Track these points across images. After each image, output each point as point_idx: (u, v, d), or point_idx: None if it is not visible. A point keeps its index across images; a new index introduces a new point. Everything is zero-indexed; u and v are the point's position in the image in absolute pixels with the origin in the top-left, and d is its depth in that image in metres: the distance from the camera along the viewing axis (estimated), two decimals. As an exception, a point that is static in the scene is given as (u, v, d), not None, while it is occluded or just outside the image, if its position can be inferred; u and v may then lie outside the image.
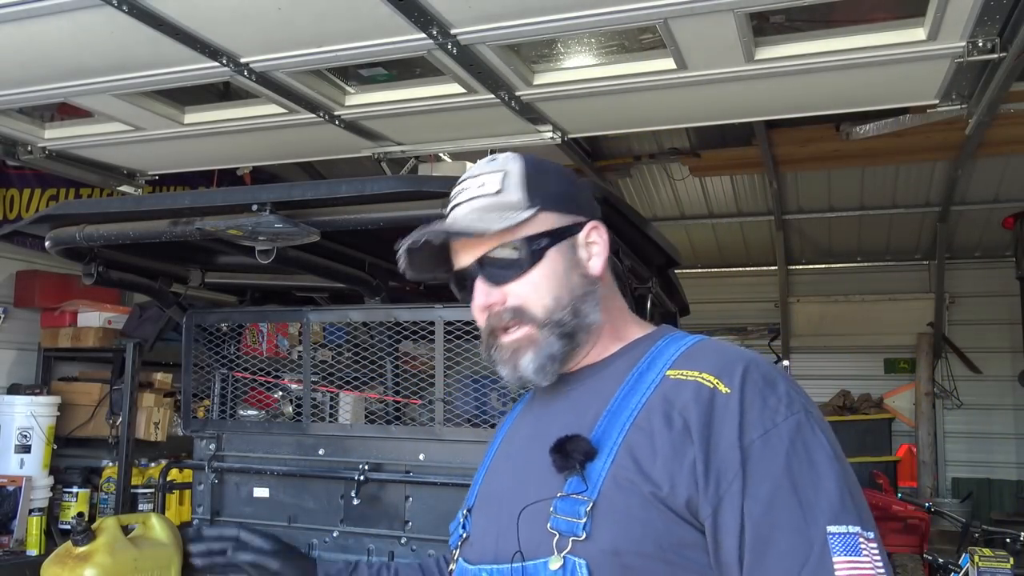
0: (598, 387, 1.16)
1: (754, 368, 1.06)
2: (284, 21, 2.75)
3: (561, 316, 1.17)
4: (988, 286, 8.62)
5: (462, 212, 1.21)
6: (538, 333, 1.17)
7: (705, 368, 1.08)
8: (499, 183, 1.21)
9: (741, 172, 7.67)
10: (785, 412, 1.02)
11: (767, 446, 1.00)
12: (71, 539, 3.02)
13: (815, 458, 1.00)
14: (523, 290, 1.17)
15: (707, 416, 1.02)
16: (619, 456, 1.05)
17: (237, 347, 3.52)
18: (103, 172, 4.50)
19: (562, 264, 1.19)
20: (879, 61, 2.93)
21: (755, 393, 1.03)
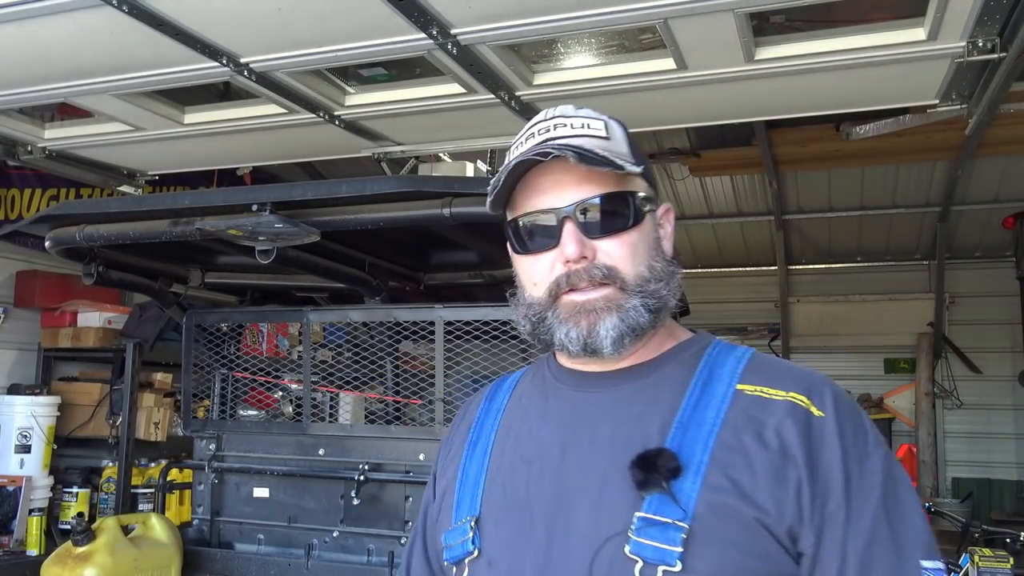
0: (653, 394, 1.05)
1: (840, 393, 1.03)
2: (284, 21, 2.75)
3: (655, 287, 1.05)
4: (988, 286, 8.61)
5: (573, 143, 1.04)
6: (624, 298, 1.03)
7: (790, 387, 1.01)
8: (605, 130, 1.08)
9: (741, 172, 7.67)
10: (875, 442, 1.00)
11: (864, 477, 0.96)
12: (71, 539, 3.03)
13: (903, 491, 0.99)
14: (619, 250, 1.04)
15: (807, 438, 0.97)
16: (710, 476, 0.95)
17: (237, 347, 3.52)
18: (103, 172, 4.50)
19: (652, 235, 1.09)
20: (879, 61, 2.93)
21: (847, 420, 1.00)
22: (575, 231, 1.03)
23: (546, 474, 1.05)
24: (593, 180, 1.04)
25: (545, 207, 1.05)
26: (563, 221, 1.03)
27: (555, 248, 1.04)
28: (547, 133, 1.06)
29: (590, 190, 1.04)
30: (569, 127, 1.06)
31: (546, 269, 1.06)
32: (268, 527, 3.18)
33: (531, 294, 1.08)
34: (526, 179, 1.07)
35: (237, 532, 3.24)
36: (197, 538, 3.26)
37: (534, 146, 1.04)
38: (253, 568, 3.04)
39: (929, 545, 0.96)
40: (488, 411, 1.21)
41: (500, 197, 1.08)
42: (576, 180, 1.04)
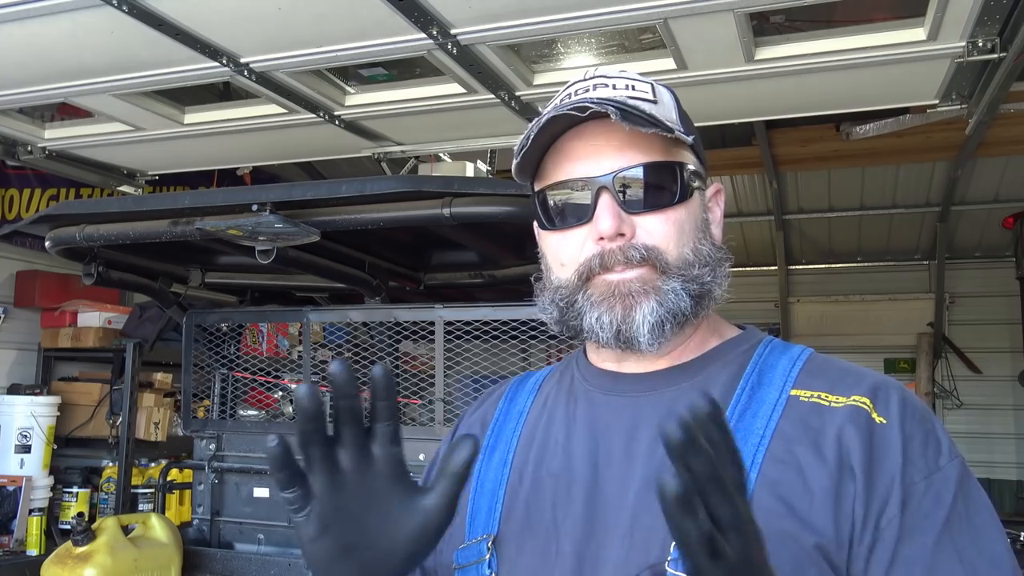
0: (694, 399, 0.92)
1: (909, 397, 0.90)
2: (284, 21, 2.75)
3: (699, 272, 0.92)
4: (988, 286, 8.61)
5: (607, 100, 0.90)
6: (663, 280, 0.90)
7: (853, 391, 0.89)
8: (652, 92, 0.95)
9: (741, 172, 7.67)
10: (948, 454, 0.86)
11: (929, 491, 0.82)
12: (71, 539, 3.03)
13: (979, 512, 0.84)
14: (662, 228, 0.91)
15: (868, 447, 0.84)
16: (760, 497, 0.82)
17: (237, 347, 3.52)
18: (103, 172, 4.50)
19: (700, 215, 0.96)
20: (879, 61, 2.93)
21: (915, 427, 0.86)
22: (612, 204, 0.89)
23: (576, 493, 0.92)
24: (636, 147, 0.90)
25: (579, 176, 0.92)
26: (599, 193, 0.90)
27: (587, 223, 0.91)
28: (586, 93, 0.93)
29: (632, 158, 0.90)
30: (611, 88, 0.93)
31: (576, 247, 0.93)
32: (268, 527, 3.18)
33: (558, 276, 0.95)
34: (558, 145, 0.94)
35: (237, 532, 3.24)
36: (197, 538, 3.26)
37: (571, 103, 0.90)
38: (253, 568, 3.04)
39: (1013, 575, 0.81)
40: (508, 413, 1.07)
41: (528, 162, 0.94)
42: (617, 146, 0.90)
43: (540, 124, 0.90)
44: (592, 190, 0.90)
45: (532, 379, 1.12)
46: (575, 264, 0.93)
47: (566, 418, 0.99)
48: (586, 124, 0.90)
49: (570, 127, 0.92)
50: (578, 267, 0.92)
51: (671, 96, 0.98)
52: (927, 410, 0.90)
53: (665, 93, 0.97)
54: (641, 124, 0.87)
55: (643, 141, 0.90)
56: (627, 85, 0.94)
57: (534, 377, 1.12)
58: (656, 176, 0.91)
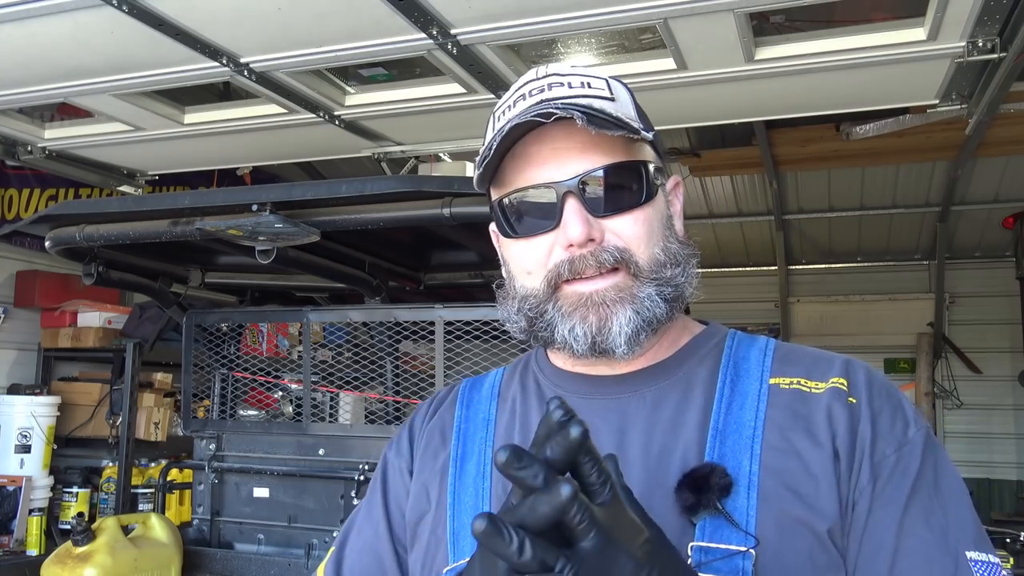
0: (680, 397, 0.91)
1: (874, 374, 0.91)
2: (284, 21, 2.75)
3: (671, 273, 0.90)
4: (988, 286, 8.61)
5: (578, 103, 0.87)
6: (637, 286, 0.88)
7: (825, 375, 0.90)
8: (608, 89, 0.92)
9: (741, 172, 7.67)
10: (914, 424, 0.88)
11: (900, 462, 0.84)
12: (71, 539, 3.03)
13: (946, 479, 0.86)
14: (631, 229, 0.88)
15: (852, 429, 0.85)
16: (766, 487, 0.82)
17: (237, 347, 3.52)
18: (103, 172, 4.50)
19: (665, 212, 0.94)
20: (879, 61, 2.93)
21: (883, 401, 0.88)
22: (580, 209, 0.86)
23: None
24: (598, 147, 0.87)
25: (542, 181, 0.88)
26: (564, 197, 0.87)
27: (554, 230, 0.88)
28: (541, 94, 0.90)
29: (595, 160, 0.87)
30: (567, 87, 0.90)
31: (543, 254, 0.89)
32: (268, 527, 3.18)
33: (524, 284, 0.92)
34: (517, 149, 0.90)
35: (237, 532, 3.24)
36: (197, 538, 3.26)
37: (530, 107, 0.88)
38: (253, 568, 3.04)
39: (978, 535, 0.84)
40: (471, 421, 1.01)
41: (489, 170, 0.91)
42: (579, 148, 0.87)
43: (503, 132, 0.87)
44: (558, 195, 0.87)
45: (486, 383, 1.06)
46: (542, 272, 0.89)
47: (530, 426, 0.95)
48: (545, 127, 0.87)
49: (529, 131, 0.88)
50: (546, 275, 0.89)
51: (627, 92, 0.95)
52: (891, 384, 0.92)
53: (621, 90, 0.94)
54: (607, 127, 0.85)
55: (605, 141, 0.88)
56: (583, 83, 0.91)
57: (487, 381, 1.07)
58: (621, 177, 0.89)
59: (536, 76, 0.93)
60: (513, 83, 0.96)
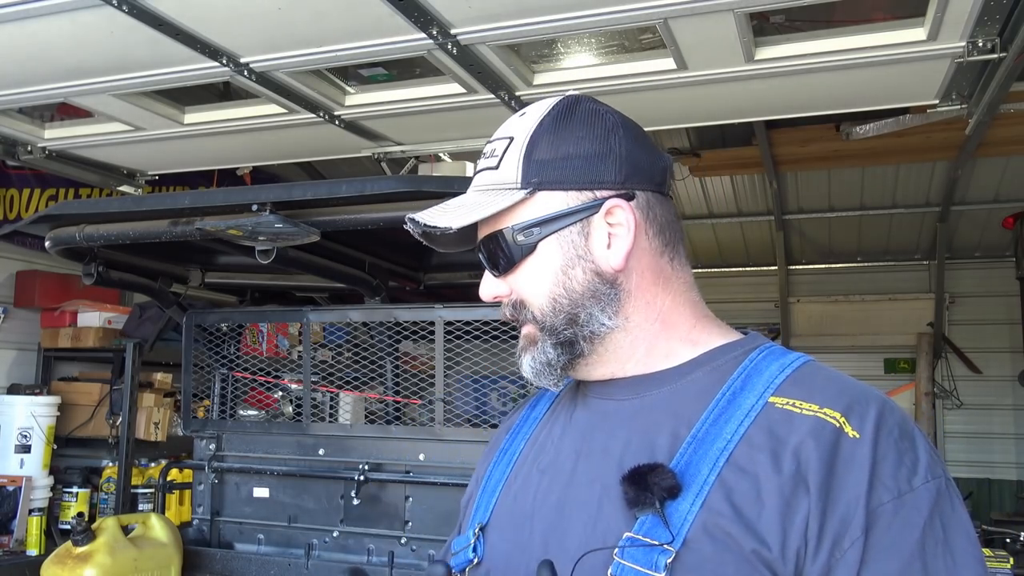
0: (672, 402, 0.94)
1: (889, 412, 0.86)
2: (284, 21, 2.75)
3: (554, 322, 0.98)
4: (988, 286, 8.61)
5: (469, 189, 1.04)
6: (540, 335, 0.99)
7: (826, 402, 0.86)
8: (500, 153, 1.00)
9: (741, 172, 7.67)
10: (925, 475, 0.82)
11: (899, 514, 0.79)
12: (71, 539, 3.03)
13: (955, 539, 0.80)
14: (520, 284, 1.00)
15: (829, 463, 0.81)
16: (712, 498, 0.83)
17: (237, 347, 3.52)
18: (103, 172, 4.50)
19: (560, 258, 0.97)
20: (879, 61, 2.93)
21: (890, 444, 0.83)
22: (488, 272, 1.03)
23: (555, 484, 0.98)
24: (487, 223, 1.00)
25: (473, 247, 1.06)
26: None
27: None
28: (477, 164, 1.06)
29: (483, 231, 1.02)
30: (482, 160, 1.04)
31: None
32: (268, 527, 3.18)
33: None
34: None
35: (237, 532, 3.24)
36: (197, 538, 3.26)
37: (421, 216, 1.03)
38: (253, 568, 3.04)
39: None
40: (527, 419, 1.14)
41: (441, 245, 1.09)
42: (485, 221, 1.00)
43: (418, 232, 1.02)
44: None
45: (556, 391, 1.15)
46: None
47: (566, 421, 1.05)
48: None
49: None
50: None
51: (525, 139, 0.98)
52: (910, 426, 0.87)
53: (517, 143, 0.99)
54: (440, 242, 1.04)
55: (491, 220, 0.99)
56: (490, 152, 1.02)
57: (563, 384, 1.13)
58: (493, 246, 1.00)
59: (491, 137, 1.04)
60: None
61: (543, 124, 0.99)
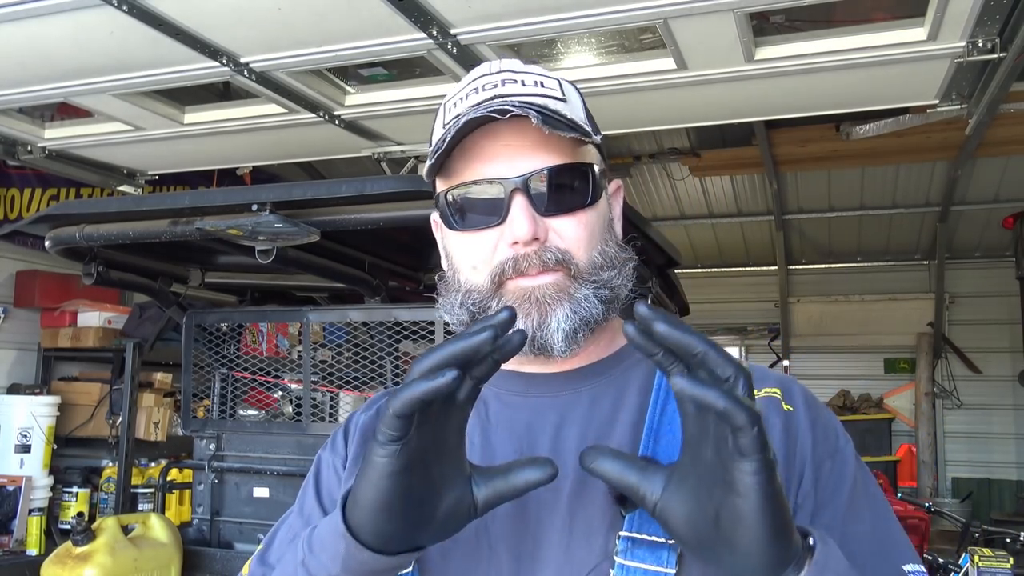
0: (615, 396, 0.92)
1: (807, 390, 0.95)
2: (284, 21, 2.75)
3: (608, 275, 0.90)
4: (988, 286, 8.62)
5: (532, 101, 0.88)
6: (575, 287, 0.88)
7: (762, 384, 0.91)
8: (560, 90, 0.92)
9: (741, 172, 7.67)
10: (845, 439, 0.92)
11: (835, 469, 0.88)
12: (71, 539, 3.03)
13: (870, 482, 0.91)
14: (574, 231, 0.89)
15: (784, 432, 0.88)
16: None
17: (237, 347, 3.52)
18: (103, 172, 4.50)
19: (607, 215, 0.95)
20: (879, 61, 2.93)
21: (816, 413, 0.92)
22: (527, 207, 0.87)
23: None
24: (548, 147, 0.88)
25: (491, 176, 0.88)
26: (512, 194, 0.87)
27: (499, 225, 0.88)
28: (495, 89, 0.90)
29: (545, 159, 0.88)
30: (520, 84, 0.90)
31: (488, 250, 0.90)
32: (268, 527, 3.17)
33: (468, 278, 0.92)
34: (465, 143, 0.89)
35: (237, 532, 3.24)
36: (197, 538, 3.26)
37: (485, 101, 0.88)
38: (253, 568, 3.04)
39: (909, 547, 0.88)
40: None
41: (439, 162, 0.91)
42: (529, 146, 0.88)
43: (458, 126, 0.86)
44: (505, 191, 0.87)
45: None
46: (488, 267, 0.90)
47: (478, 420, 0.95)
48: (497, 121, 0.86)
49: (480, 125, 0.88)
50: (491, 271, 0.89)
51: (578, 95, 0.96)
52: (818, 399, 0.97)
53: (573, 92, 0.95)
54: (560, 128, 0.85)
55: (553, 142, 0.88)
56: (536, 82, 0.91)
57: None
58: (568, 178, 0.89)
59: (489, 71, 0.93)
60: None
61: (575, 87, 0.96)
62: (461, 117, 0.86)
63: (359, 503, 0.73)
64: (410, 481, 0.71)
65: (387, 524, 0.73)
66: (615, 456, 0.74)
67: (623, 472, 0.73)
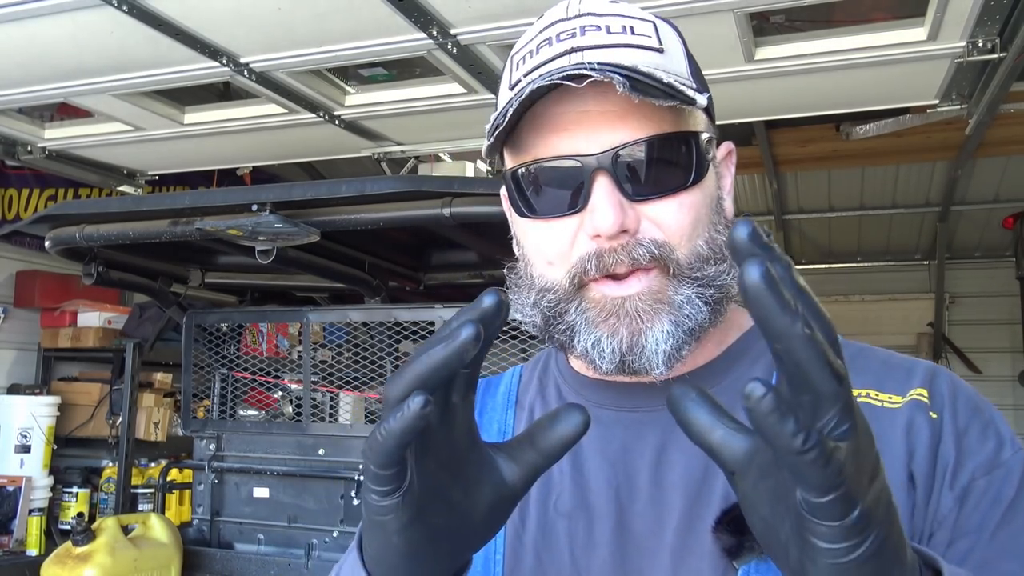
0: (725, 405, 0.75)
1: (959, 384, 0.77)
2: (284, 21, 2.75)
3: (715, 270, 0.73)
4: (988, 286, 8.62)
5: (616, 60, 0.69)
6: (674, 289, 0.72)
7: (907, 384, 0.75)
8: (656, 37, 0.75)
9: (741, 172, 7.67)
10: (1011, 446, 0.74)
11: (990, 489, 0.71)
12: (71, 539, 3.03)
13: None
14: (674, 218, 0.72)
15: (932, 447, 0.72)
16: None
17: (237, 347, 3.52)
18: (103, 172, 4.50)
19: (715, 193, 0.77)
20: (879, 61, 2.93)
21: (971, 418, 0.75)
22: (613, 191, 0.70)
23: (599, 533, 0.75)
24: (639, 115, 0.71)
25: (568, 152, 0.71)
26: (594, 175, 0.70)
27: (579, 212, 0.72)
28: (572, 40, 0.72)
29: (635, 129, 0.71)
30: (604, 31, 0.72)
31: (566, 243, 0.73)
32: (268, 527, 3.18)
33: (543, 274, 0.76)
34: (538, 109, 0.73)
35: (237, 532, 3.24)
36: (197, 538, 3.26)
37: (558, 58, 0.71)
38: (253, 568, 3.04)
39: None
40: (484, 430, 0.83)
41: (499, 140, 0.76)
42: (615, 115, 0.71)
43: (523, 95, 0.70)
44: (586, 172, 0.71)
45: (502, 387, 0.90)
46: (566, 264, 0.74)
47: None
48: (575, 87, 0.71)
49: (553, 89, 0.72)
50: (569, 268, 0.73)
51: (679, 40, 0.78)
52: (980, 396, 0.78)
53: (671, 36, 0.77)
54: (654, 95, 0.68)
55: (647, 106, 0.71)
56: (624, 27, 0.73)
57: (503, 384, 0.91)
58: (667, 152, 0.72)
59: (567, 15, 0.75)
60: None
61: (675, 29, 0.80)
62: (526, 86, 0.71)
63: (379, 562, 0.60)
64: (429, 521, 0.57)
65: (420, 568, 0.59)
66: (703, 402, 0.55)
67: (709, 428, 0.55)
